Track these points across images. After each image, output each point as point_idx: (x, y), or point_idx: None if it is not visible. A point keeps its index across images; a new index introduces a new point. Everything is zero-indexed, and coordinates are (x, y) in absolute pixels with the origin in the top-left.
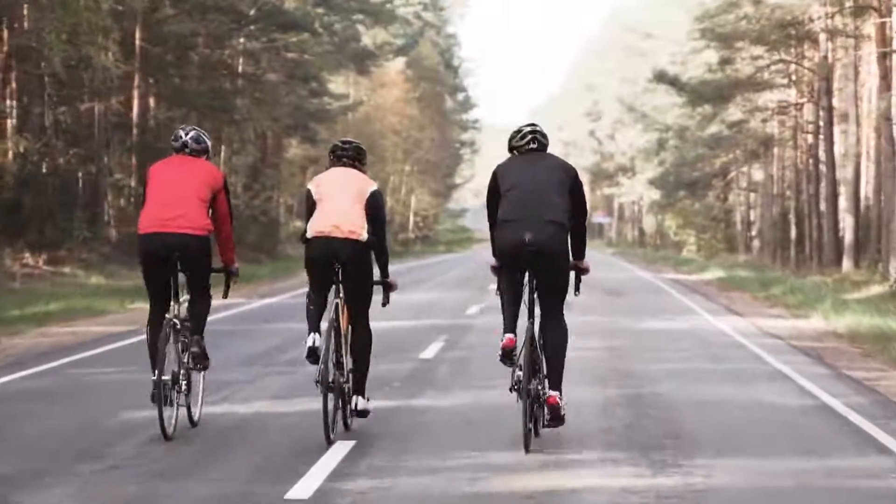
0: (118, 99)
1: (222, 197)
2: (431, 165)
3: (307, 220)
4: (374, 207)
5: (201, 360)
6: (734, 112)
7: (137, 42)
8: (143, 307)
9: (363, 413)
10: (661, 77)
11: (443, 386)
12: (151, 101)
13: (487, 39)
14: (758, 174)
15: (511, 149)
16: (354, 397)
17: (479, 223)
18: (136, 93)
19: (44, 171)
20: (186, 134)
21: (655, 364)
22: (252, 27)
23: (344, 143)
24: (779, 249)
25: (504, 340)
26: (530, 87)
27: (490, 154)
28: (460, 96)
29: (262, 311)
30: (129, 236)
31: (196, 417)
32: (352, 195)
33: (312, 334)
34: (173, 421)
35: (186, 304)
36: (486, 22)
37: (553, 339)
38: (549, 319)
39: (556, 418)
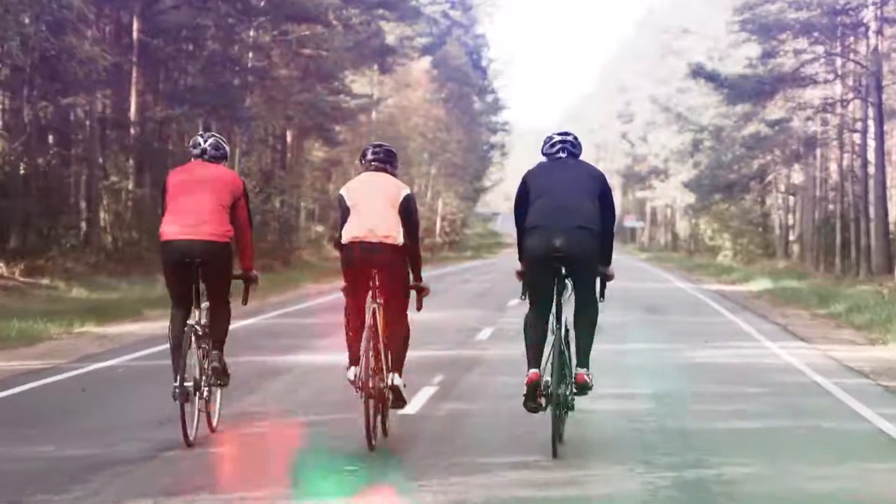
0: (103, 93)
1: (242, 203)
2: (458, 168)
3: (341, 227)
4: (408, 211)
5: (221, 377)
6: (774, 110)
7: (135, 34)
8: (93, 330)
9: (396, 389)
10: (698, 72)
11: (421, 470)
12: (146, 98)
13: (518, 42)
14: (797, 176)
15: (543, 154)
16: (392, 374)
17: (509, 227)
18: (133, 89)
19: (21, 171)
20: (205, 140)
21: (717, 421)
22: (261, 18)
23: (375, 146)
24: (822, 255)
25: (528, 375)
26: (561, 89)
27: (520, 157)
28: (489, 98)
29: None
30: (128, 244)
31: (215, 423)
32: (385, 199)
33: (352, 368)
34: (195, 426)
35: (207, 307)
36: (517, 24)
37: (588, 318)
38: (582, 306)
39: (584, 389)
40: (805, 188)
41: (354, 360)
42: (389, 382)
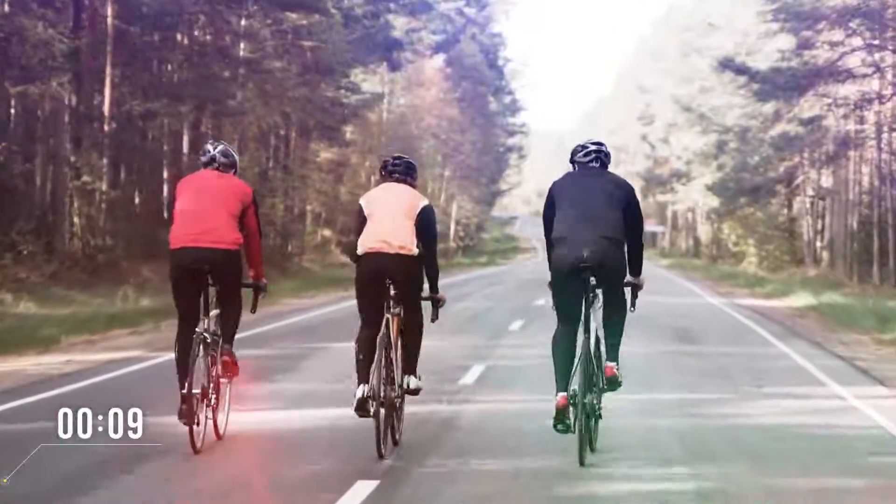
0: (59, 81)
1: (251, 212)
2: (473, 171)
3: (357, 237)
4: (425, 223)
5: (230, 368)
6: (805, 108)
7: (109, 20)
8: None
9: (415, 391)
10: (727, 65)
11: None
12: (123, 91)
13: (535, 43)
14: (826, 179)
15: (572, 161)
16: (406, 377)
17: (527, 231)
18: (107, 80)
19: None
20: (215, 148)
21: None
22: (253, 7)
23: (395, 158)
24: (856, 263)
25: (557, 399)
26: (579, 91)
27: (538, 160)
28: (506, 99)
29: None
30: (100, 250)
31: (222, 430)
32: (402, 211)
33: (362, 386)
34: (202, 435)
35: (216, 315)
36: (533, 25)
37: (618, 319)
38: (611, 312)
39: (613, 384)
40: (837, 192)
41: (364, 379)
42: (406, 385)
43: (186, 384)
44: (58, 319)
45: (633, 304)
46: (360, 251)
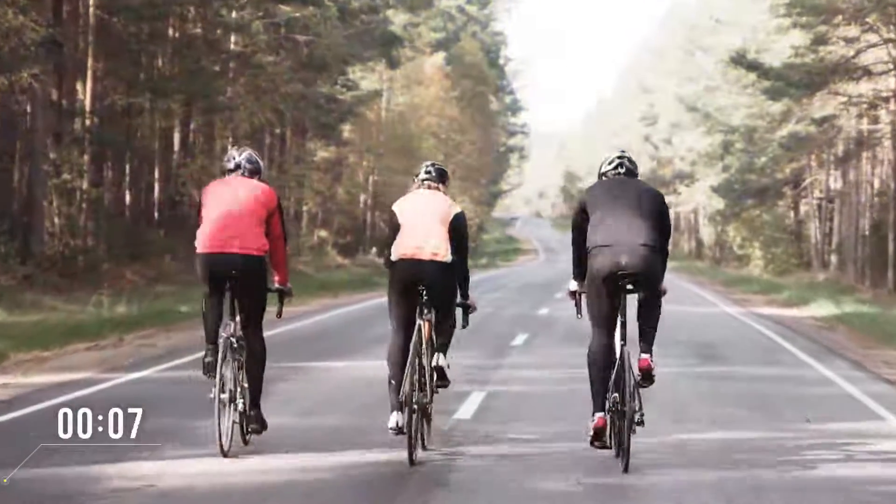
0: (31, 72)
1: (276, 217)
2: (474, 171)
3: (390, 243)
4: (458, 230)
5: (258, 432)
6: (819, 106)
7: (91, 10)
8: None
9: (441, 371)
10: (739, 60)
11: None
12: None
13: (536, 44)
14: (836, 181)
15: (601, 175)
16: (437, 355)
17: (527, 232)
18: (89, 73)
19: None
20: (240, 154)
21: None
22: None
23: (428, 165)
24: (868, 268)
25: (594, 420)
26: (581, 93)
27: (540, 160)
28: (507, 98)
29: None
30: (81, 251)
31: (248, 435)
32: (436, 217)
33: (395, 413)
34: (230, 438)
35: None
36: (535, 26)
37: (654, 314)
38: (648, 312)
39: (647, 378)
40: (847, 193)
41: (397, 407)
42: (436, 361)
43: (216, 387)
44: (18, 329)
45: (660, 311)
46: (393, 257)
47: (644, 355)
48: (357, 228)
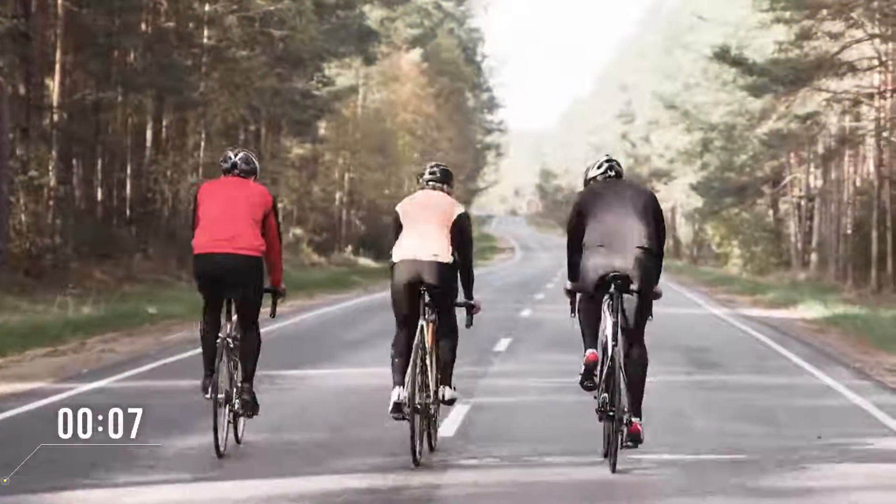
0: None
1: (272, 218)
2: (451, 168)
3: (394, 243)
4: (461, 230)
5: (251, 408)
6: (799, 104)
7: (60, 1)
8: None
9: (451, 401)
10: (722, 56)
11: None
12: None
13: (513, 41)
14: (816, 179)
15: (587, 181)
16: (442, 387)
17: (503, 230)
18: (57, 66)
19: None
20: (236, 155)
21: None
22: None
23: (433, 166)
24: (850, 268)
25: (587, 355)
26: (558, 91)
27: (516, 158)
28: (484, 96)
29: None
30: (49, 250)
31: (240, 434)
32: (439, 218)
33: (397, 388)
34: (225, 439)
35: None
36: (513, 24)
37: (639, 362)
38: (633, 344)
39: (637, 441)
40: (828, 192)
41: (400, 381)
42: (441, 396)
43: (211, 386)
44: None
45: (650, 313)
46: (395, 258)
47: (635, 420)
48: (333, 226)
